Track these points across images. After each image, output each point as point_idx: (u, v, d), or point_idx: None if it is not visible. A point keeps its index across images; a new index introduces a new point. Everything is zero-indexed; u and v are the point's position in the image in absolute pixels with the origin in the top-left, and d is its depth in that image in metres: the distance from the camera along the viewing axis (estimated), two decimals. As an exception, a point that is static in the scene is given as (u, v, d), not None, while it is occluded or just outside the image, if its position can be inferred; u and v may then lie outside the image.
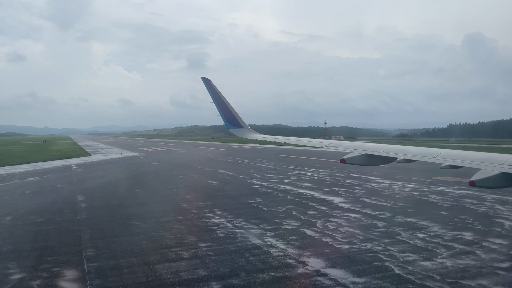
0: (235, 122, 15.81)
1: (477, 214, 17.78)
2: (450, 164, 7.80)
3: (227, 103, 15.65)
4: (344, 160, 9.52)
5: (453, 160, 7.97)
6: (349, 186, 26.30)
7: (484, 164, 7.28)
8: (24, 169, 42.05)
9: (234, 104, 15.75)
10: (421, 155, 9.05)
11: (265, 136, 16.85)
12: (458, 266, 11.29)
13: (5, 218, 17.91)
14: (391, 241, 13.72)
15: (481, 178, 6.72)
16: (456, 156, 8.27)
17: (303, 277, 10.60)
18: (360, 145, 11.27)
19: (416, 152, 9.46)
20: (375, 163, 10.16)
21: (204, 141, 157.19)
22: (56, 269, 11.21)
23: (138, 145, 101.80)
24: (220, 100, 15.45)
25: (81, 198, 23.25)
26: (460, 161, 7.92)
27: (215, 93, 15.30)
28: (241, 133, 15.95)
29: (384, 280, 10.29)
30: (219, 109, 15.49)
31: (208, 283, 10.19)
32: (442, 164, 7.88)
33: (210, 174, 34.30)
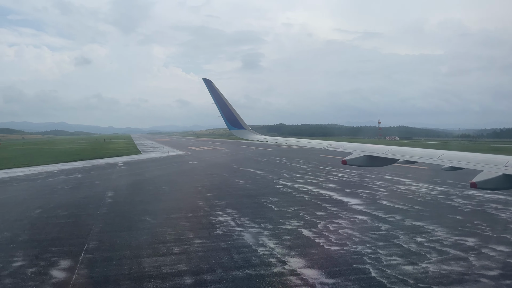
0: (236, 123, 16.13)
1: (494, 220, 16.95)
2: (451, 165, 7.73)
3: (229, 104, 16.02)
4: (345, 161, 9.55)
5: (455, 162, 7.90)
6: (374, 188, 25.78)
7: (485, 166, 7.20)
8: (75, 165, 45.16)
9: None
10: (422, 157, 8.99)
11: (266, 137, 17.13)
12: (440, 271, 10.97)
13: (35, 211, 19.58)
14: (384, 244, 13.52)
15: (483, 179, 6.67)
16: (458, 157, 8.19)
17: (275, 275, 10.82)
18: (361, 146, 11.27)
19: (418, 153, 9.40)
20: (376, 164, 10.18)
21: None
22: (54, 259, 12.26)
23: (189, 144, 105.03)
24: (222, 101, 15.81)
25: (110, 194, 24.76)
26: (461, 162, 7.86)
27: (217, 94, 15.67)
28: (242, 134, 16.26)
29: (355, 282, 10.28)
30: (220, 110, 15.85)
31: (182, 277, 10.72)
32: (444, 166, 7.82)
33: (241, 174, 34.93)
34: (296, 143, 17.00)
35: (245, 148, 75.55)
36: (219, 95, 15.75)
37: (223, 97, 15.88)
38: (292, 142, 17.15)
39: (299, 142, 16.92)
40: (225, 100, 15.91)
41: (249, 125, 16.48)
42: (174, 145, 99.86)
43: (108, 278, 10.68)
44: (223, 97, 15.86)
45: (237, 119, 16.14)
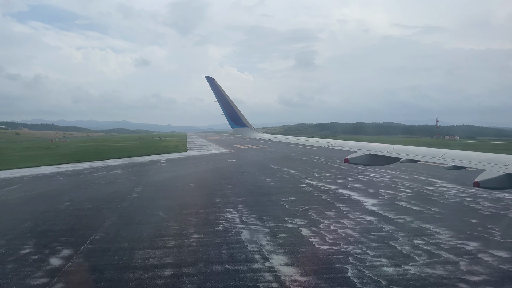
0: (239, 121, 16.41)
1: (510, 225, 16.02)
2: (454, 164, 7.76)
3: (231, 103, 16.35)
4: (348, 160, 9.68)
5: (457, 161, 7.90)
6: (400, 189, 25.10)
7: (488, 165, 7.21)
8: (121, 162, 47.70)
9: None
10: (425, 156, 9.00)
11: (269, 135, 17.35)
12: (420, 274, 10.75)
13: (64, 204, 21.18)
14: (377, 245, 13.36)
15: (485, 179, 6.70)
16: (461, 156, 8.18)
17: (251, 271, 11.12)
18: (364, 145, 11.36)
19: (420, 152, 9.40)
20: (378, 163, 10.25)
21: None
22: (59, 248, 13.36)
23: (236, 142, 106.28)
24: (224, 99, 16.12)
25: (139, 189, 26.09)
26: (464, 161, 7.86)
27: (219, 92, 16.00)
28: (245, 132, 16.57)
29: (325, 281, 10.36)
30: (223, 108, 16.17)
31: (163, 269, 11.32)
32: (447, 165, 7.86)
33: (272, 172, 35.19)
34: (299, 141, 17.15)
35: (289, 147, 75.53)
36: (222, 93, 16.09)
37: (226, 95, 16.25)
38: (294, 140, 17.28)
39: (301, 141, 17.07)
40: (228, 98, 16.25)
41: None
42: (222, 143, 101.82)
43: (96, 267, 11.52)
44: (226, 95, 16.22)
45: (239, 117, 16.42)
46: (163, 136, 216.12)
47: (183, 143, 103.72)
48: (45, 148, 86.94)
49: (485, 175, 6.78)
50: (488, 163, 7.40)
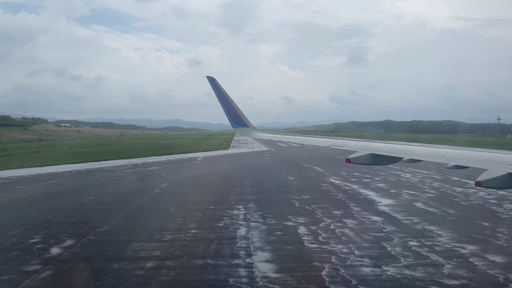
0: (240, 121, 16.51)
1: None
2: (456, 164, 7.75)
3: (232, 102, 16.52)
4: (349, 160, 9.58)
5: (459, 160, 7.87)
6: (425, 190, 24.27)
7: (490, 165, 7.15)
8: (160, 159, 49.60)
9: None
10: (427, 155, 8.96)
11: (270, 135, 17.36)
12: (395, 276, 10.59)
13: (88, 198, 22.56)
14: (367, 246, 13.22)
15: (488, 178, 6.65)
16: (463, 156, 8.13)
17: (229, 266, 11.41)
18: (365, 144, 11.35)
19: (422, 151, 9.30)
20: (380, 163, 10.21)
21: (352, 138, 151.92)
22: (64, 238, 14.37)
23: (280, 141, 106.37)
24: (225, 99, 16.28)
25: (163, 185, 27.15)
26: (466, 161, 7.80)
27: (220, 92, 16.16)
28: (246, 132, 16.69)
29: (297, 279, 10.47)
30: (224, 108, 16.32)
31: (147, 261, 11.89)
32: (448, 164, 7.86)
33: (300, 171, 35.10)
34: (299, 140, 17.06)
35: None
36: (223, 93, 16.26)
37: (227, 95, 16.44)
38: (296, 139, 17.21)
39: (302, 140, 16.97)
40: (228, 98, 16.44)
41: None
42: (266, 142, 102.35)
43: (89, 257, 12.31)
44: (226, 95, 16.41)
45: (240, 117, 16.51)
46: (212, 134, 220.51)
47: (227, 141, 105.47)
48: (99, 145, 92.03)
49: (487, 175, 6.70)
50: (490, 162, 7.30)
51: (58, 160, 49.55)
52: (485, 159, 7.58)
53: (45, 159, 52.13)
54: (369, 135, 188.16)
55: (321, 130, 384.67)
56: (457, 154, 8.30)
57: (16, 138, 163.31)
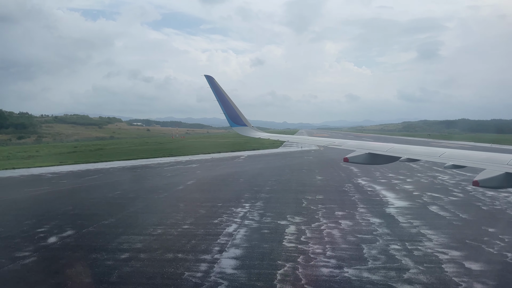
0: (238, 121, 16.82)
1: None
2: (453, 163, 7.89)
3: (231, 101, 16.83)
4: (347, 159, 9.69)
5: (457, 160, 8.01)
6: (451, 193, 23.15)
7: (488, 164, 7.28)
8: (205, 157, 51.24)
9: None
10: (425, 155, 9.08)
11: (268, 134, 17.56)
12: (350, 277, 10.47)
13: (114, 193, 24.15)
14: (344, 247, 13.12)
15: (485, 178, 6.74)
16: (460, 156, 8.28)
17: (195, 261, 11.89)
18: (363, 144, 11.46)
19: (420, 151, 9.38)
20: (378, 162, 10.33)
21: (419, 137, 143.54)
22: (67, 228, 15.65)
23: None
24: (224, 98, 16.61)
25: (189, 182, 28.25)
26: (463, 160, 7.94)
27: (219, 91, 16.49)
28: (244, 131, 17.00)
29: (249, 275, 10.70)
30: (222, 107, 16.65)
31: (124, 253, 12.68)
32: (446, 164, 7.98)
33: (333, 170, 34.61)
34: (297, 140, 17.16)
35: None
36: (221, 92, 16.59)
37: (225, 94, 16.78)
38: (293, 139, 17.29)
39: (300, 139, 17.06)
40: (227, 97, 16.77)
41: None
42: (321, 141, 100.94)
43: (75, 247, 13.39)
44: (225, 94, 16.75)
45: (239, 116, 16.81)
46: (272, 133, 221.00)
47: (281, 141, 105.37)
48: (159, 143, 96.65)
49: (484, 174, 6.76)
50: (487, 162, 7.39)
51: (113, 156, 52.95)
52: (482, 158, 7.67)
53: (104, 155, 55.91)
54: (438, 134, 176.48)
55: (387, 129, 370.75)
56: (455, 153, 8.40)
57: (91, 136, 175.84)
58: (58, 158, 51.80)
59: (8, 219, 17.81)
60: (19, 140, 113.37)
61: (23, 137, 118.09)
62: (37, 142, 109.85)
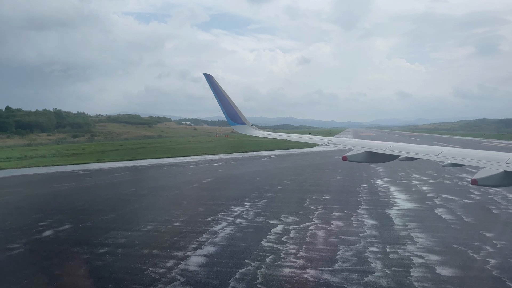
0: (237, 119, 16.71)
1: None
2: (452, 162, 7.95)
3: (230, 100, 16.77)
4: (346, 158, 9.77)
5: (455, 158, 8.07)
6: (468, 195, 22.08)
7: (486, 163, 7.36)
8: (234, 156, 51.82)
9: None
10: (423, 153, 9.10)
11: (267, 133, 17.36)
12: (307, 278, 10.39)
13: (129, 190, 25.11)
14: (324, 248, 13.04)
15: (483, 176, 6.82)
16: (458, 154, 8.37)
17: (165, 257, 12.23)
18: (362, 142, 11.47)
19: (418, 150, 9.44)
20: (377, 161, 10.17)
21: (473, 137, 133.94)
22: (66, 222, 16.55)
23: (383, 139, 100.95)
24: (223, 96, 16.60)
25: (205, 180, 28.81)
26: (462, 159, 8.02)
27: (218, 89, 16.51)
28: (243, 130, 16.86)
29: (208, 273, 10.92)
30: (221, 105, 16.59)
31: (103, 247, 13.26)
32: (444, 162, 8.04)
33: (356, 171, 33.78)
34: (296, 138, 16.79)
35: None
36: (220, 91, 16.60)
37: (224, 92, 16.77)
38: (292, 137, 16.96)
39: (299, 138, 16.71)
40: (226, 95, 16.76)
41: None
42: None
43: (67, 240, 14.18)
44: (224, 92, 16.74)
45: (238, 115, 16.67)
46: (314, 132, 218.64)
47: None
48: (201, 142, 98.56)
49: (483, 173, 6.82)
50: (485, 160, 7.45)
51: (150, 155, 54.79)
52: (481, 157, 7.70)
53: (142, 153, 57.97)
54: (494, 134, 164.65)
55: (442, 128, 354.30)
56: (453, 152, 8.43)
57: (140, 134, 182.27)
58: (99, 155, 54.43)
59: (21, 213, 19.10)
60: (73, 138, 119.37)
61: (77, 136, 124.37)
62: (89, 141, 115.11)
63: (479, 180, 6.60)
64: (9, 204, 21.56)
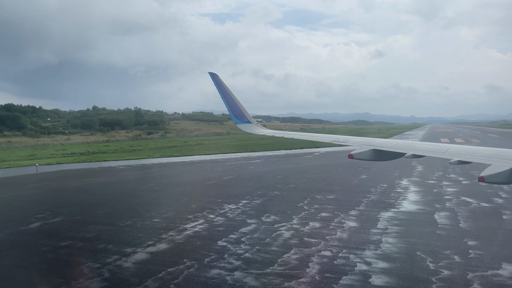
0: (243, 117, 16.48)
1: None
2: (459, 159, 7.91)
3: (235, 99, 16.59)
4: (352, 156, 9.63)
5: (462, 156, 8.03)
6: (490, 197, 20.01)
7: (493, 160, 7.32)
8: (279, 153, 51.61)
9: None
10: (430, 151, 9.07)
11: (272, 131, 16.97)
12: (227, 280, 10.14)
13: (147, 185, 26.12)
14: (275, 250, 12.68)
15: (491, 174, 6.81)
16: (465, 151, 8.34)
17: (118, 253, 12.60)
18: (368, 140, 11.12)
19: (425, 147, 9.44)
20: (383, 159, 10.10)
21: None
22: (59, 216, 17.65)
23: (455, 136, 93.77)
24: (228, 95, 16.43)
25: (226, 177, 29.08)
26: (469, 156, 7.97)
27: (223, 88, 16.35)
28: (249, 128, 16.62)
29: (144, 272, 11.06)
30: (227, 104, 16.38)
31: (71, 240, 13.99)
32: (451, 160, 8.01)
33: (388, 170, 32.12)
34: (301, 137, 16.33)
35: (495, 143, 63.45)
36: (226, 90, 16.43)
37: (229, 91, 16.62)
38: (298, 136, 16.46)
39: (304, 136, 16.25)
40: (231, 94, 16.60)
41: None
42: (432, 138, 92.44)
43: (46, 232, 15.18)
44: (229, 91, 16.59)
45: (243, 114, 16.43)
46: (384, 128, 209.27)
47: (390, 135, 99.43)
48: (261, 139, 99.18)
49: (490, 170, 6.77)
50: (493, 158, 7.35)
51: (201, 151, 56.33)
52: (488, 154, 7.60)
53: (195, 150, 59.80)
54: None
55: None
56: (460, 149, 8.33)
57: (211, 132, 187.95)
58: (154, 152, 56.98)
59: (31, 206, 20.65)
60: (148, 135, 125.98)
61: (151, 133, 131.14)
62: (162, 137, 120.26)
63: (486, 177, 6.51)
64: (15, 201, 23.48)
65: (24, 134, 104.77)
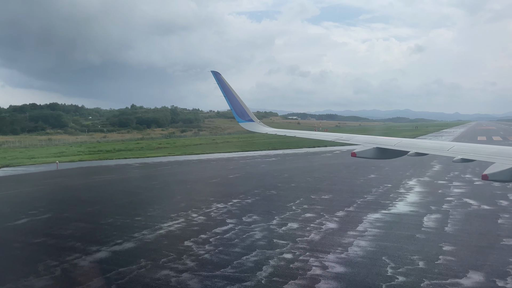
0: (245, 116, 16.25)
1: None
2: (462, 157, 7.90)
3: (238, 97, 16.38)
4: (355, 154, 9.49)
5: (466, 154, 8.02)
6: (496, 199, 18.82)
7: (497, 158, 7.33)
8: (299, 151, 50.91)
9: None
10: (433, 149, 9.11)
11: (275, 130, 16.66)
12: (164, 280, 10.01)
13: (151, 183, 26.41)
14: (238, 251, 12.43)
15: (494, 171, 6.79)
16: (469, 149, 8.32)
17: (83, 251, 12.76)
18: (371, 138, 11.02)
19: (428, 145, 9.49)
20: (386, 157, 10.00)
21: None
22: (50, 212, 18.08)
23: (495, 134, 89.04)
24: (231, 94, 16.21)
25: (231, 176, 29.00)
26: (472, 154, 7.97)
27: (225, 86, 16.09)
28: (251, 127, 16.39)
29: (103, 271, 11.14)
30: (229, 103, 16.16)
31: (50, 237, 14.30)
32: (455, 158, 7.98)
33: (401, 169, 30.95)
34: (305, 135, 16.02)
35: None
36: (228, 88, 16.23)
37: (232, 89, 16.45)
38: (300, 134, 16.12)
39: (307, 135, 15.93)
40: (234, 92, 16.41)
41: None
42: (470, 136, 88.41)
43: (29, 228, 15.61)
44: (232, 89, 16.42)
45: (246, 112, 16.19)
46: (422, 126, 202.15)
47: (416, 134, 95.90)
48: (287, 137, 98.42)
49: (494, 168, 6.76)
50: (496, 155, 7.35)
51: (225, 149, 56.47)
52: (491, 152, 7.61)
53: (218, 148, 59.97)
54: None
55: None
56: (464, 147, 8.32)
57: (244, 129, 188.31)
58: (179, 150, 57.68)
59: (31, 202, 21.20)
60: (182, 133, 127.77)
61: (185, 131, 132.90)
62: (195, 135, 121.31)
63: (490, 175, 6.49)
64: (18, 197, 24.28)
65: (65, 132, 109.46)
